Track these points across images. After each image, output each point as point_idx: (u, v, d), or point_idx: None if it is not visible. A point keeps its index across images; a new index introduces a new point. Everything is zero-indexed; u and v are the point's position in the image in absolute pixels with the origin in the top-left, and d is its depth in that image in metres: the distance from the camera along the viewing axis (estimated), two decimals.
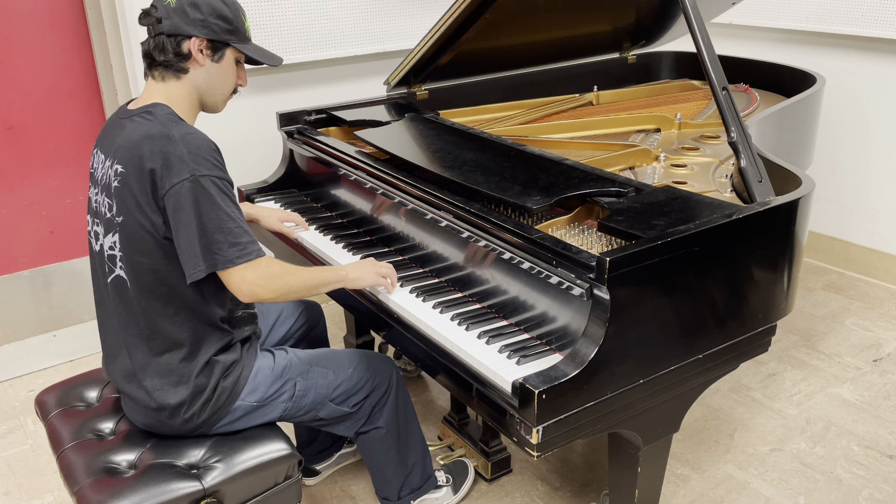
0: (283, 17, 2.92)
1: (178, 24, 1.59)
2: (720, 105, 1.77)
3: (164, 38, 1.59)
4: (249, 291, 1.58)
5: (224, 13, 1.62)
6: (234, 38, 1.65)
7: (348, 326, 2.78)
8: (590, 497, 2.23)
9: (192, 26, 1.59)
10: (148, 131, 1.55)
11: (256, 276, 1.57)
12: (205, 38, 1.61)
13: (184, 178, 1.50)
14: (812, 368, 2.85)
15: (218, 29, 1.62)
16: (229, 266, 1.54)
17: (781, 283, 1.76)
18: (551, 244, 1.56)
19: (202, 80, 1.65)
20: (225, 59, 1.66)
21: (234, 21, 1.64)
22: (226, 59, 1.66)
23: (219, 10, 1.62)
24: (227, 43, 1.65)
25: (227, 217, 1.54)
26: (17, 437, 2.56)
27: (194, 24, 1.59)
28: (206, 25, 1.60)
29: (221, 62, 1.66)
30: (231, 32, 1.64)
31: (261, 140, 2.98)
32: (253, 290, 1.58)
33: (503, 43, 2.62)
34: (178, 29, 1.59)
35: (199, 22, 1.59)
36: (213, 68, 1.65)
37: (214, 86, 1.68)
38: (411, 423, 1.96)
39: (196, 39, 1.60)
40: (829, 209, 3.62)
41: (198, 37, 1.60)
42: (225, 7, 1.63)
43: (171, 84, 1.63)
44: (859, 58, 3.35)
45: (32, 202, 2.99)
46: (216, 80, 1.67)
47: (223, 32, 1.63)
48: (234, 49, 1.67)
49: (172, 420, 1.65)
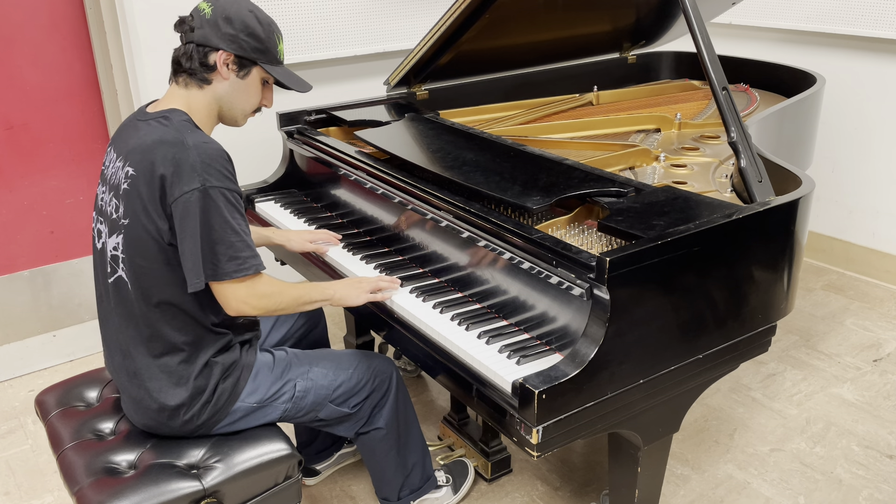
0: (284, 17, 2.92)
1: (209, 36, 1.60)
2: (720, 105, 1.77)
3: (193, 46, 1.61)
4: (235, 307, 1.59)
5: (256, 32, 1.64)
6: (263, 58, 1.67)
7: (348, 326, 2.78)
8: (590, 497, 2.23)
9: (221, 40, 1.61)
10: (162, 136, 1.55)
11: (246, 295, 1.58)
12: (232, 53, 1.62)
13: (194, 187, 1.51)
14: (812, 368, 2.85)
15: (247, 46, 1.63)
16: (224, 279, 1.55)
17: (781, 283, 1.76)
18: (551, 244, 1.56)
19: (224, 94, 1.66)
20: (251, 76, 1.67)
21: (265, 41, 1.66)
22: (251, 77, 1.68)
23: (251, 28, 1.63)
24: (254, 61, 1.66)
25: (232, 230, 1.55)
26: (17, 437, 2.56)
27: (224, 38, 1.61)
28: (236, 41, 1.62)
29: (246, 79, 1.67)
30: (260, 52, 1.66)
31: (261, 140, 2.98)
32: (239, 306, 1.59)
33: (503, 43, 2.62)
34: (207, 40, 1.61)
35: (229, 36, 1.61)
36: (236, 83, 1.66)
37: (236, 101, 1.69)
38: (411, 424, 1.96)
39: (223, 53, 1.62)
40: (829, 209, 3.62)
41: (225, 51, 1.62)
42: (259, 26, 1.64)
43: (193, 92, 1.65)
44: (859, 58, 3.35)
45: (32, 202, 2.99)
46: (238, 96, 1.68)
47: (252, 50, 1.64)
48: (262, 69, 1.68)
49: (172, 421, 1.65)
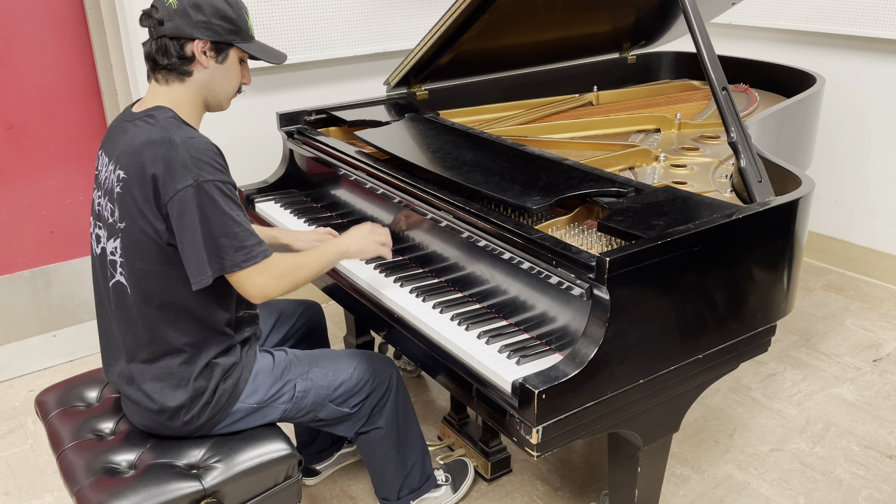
0: (284, 17, 2.92)
1: (181, 27, 1.57)
2: (720, 105, 1.77)
3: (166, 40, 1.57)
4: (260, 294, 1.59)
5: (227, 13, 1.60)
6: (238, 38, 1.63)
7: (348, 326, 2.78)
8: (590, 497, 2.23)
9: (194, 28, 1.57)
10: (149, 136, 1.53)
11: (266, 279, 1.58)
12: (208, 40, 1.59)
13: (187, 184, 1.49)
14: (812, 368, 2.85)
15: (221, 30, 1.60)
16: (237, 270, 1.54)
17: (781, 283, 1.76)
18: (551, 244, 1.56)
19: (207, 82, 1.63)
20: (229, 59, 1.64)
21: (237, 21, 1.62)
22: (230, 60, 1.64)
23: (221, 10, 1.59)
24: (230, 43, 1.63)
25: (233, 221, 1.53)
26: (17, 437, 2.56)
27: (197, 26, 1.57)
28: (210, 27, 1.58)
29: (226, 63, 1.64)
30: (234, 33, 1.62)
31: (261, 140, 2.98)
32: (263, 291, 1.59)
33: (503, 43, 2.62)
34: (180, 31, 1.57)
35: (202, 24, 1.57)
36: (217, 69, 1.63)
37: (219, 87, 1.66)
38: (411, 424, 1.96)
39: (199, 42, 1.58)
40: (829, 209, 3.62)
41: (201, 39, 1.58)
42: (227, 7, 1.60)
43: (175, 87, 1.62)
44: (859, 58, 3.35)
45: (32, 202, 2.99)
46: (221, 81, 1.65)
47: (226, 33, 1.61)
48: (238, 49, 1.65)
49: (172, 422, 1.65)
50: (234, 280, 1.57)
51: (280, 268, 1.61)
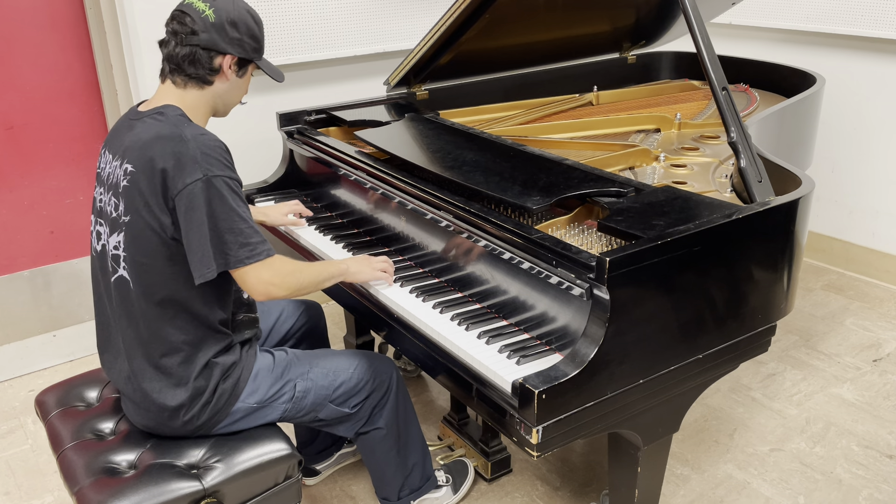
0: (284, 17, 2.92)
1: (216, 41, 1.62)
2: (720, 105, 1.77)
3: (198, 50, 1.62)
4: (264, 290, 1.60)
5: (255, 33, 1.69)
6: (257, 56, 1.72)
7: (348, 326, 2.78)
8: (590, 497, 2.23)
9: (228, 44, 1.64)
10: (159, 132, 1.56)
11: (271, 276, 1.60)
12: (237, 56, 1.66)
13: (197, 178, 1.51)
14: (812, 368, 2.85)
15: (248, 48, 1.68)
16: (241, 266, 1.56)
17: (781, 283, 1.76)
18: (551, 244, 1.56)
19: (223, 92, 1.70)
20: (246, 73, 1.72)
21: (260, 40, 1.71)
22: (246, 74, 1.73)
23: (252, 29, 1.68)
24: (251, 60, 1.71)
25: (239, 217, 1.56)
26: (17, 437, 2.56)
27: (231, 43, 1.64)
28: (241, 44, 1.66)
29: (243, 77, 1.72)
30: (257, 51, 1.71)
31: (261, 140, 2.98)
32: (268, 289, 1.60)
33: (503, 43, 2.62)
34: (215, 44, 1.62)
35: (235, 41, 1.64)
36: (235, 82, 1.70)
37: (232, 97, 1.73)
38: (411, 424, 1.96)
39: (229, 56, 1.65)
40: (829, 209, 3.62)
41: (232, 54, 1.65)
42: (256, 28, 1.69)
43: (192, 91, 1.66)
44: (858, 58, 3.35)
45: (32, 202, 2.99)
46: (234, 93, 1.73)
47: (251, 51, 1.69)
48: (254, 65, 1.73)
49: (172, 422, 1.65)
50: (238, 276, 1.59)
51: (285, 266, 1.64)
